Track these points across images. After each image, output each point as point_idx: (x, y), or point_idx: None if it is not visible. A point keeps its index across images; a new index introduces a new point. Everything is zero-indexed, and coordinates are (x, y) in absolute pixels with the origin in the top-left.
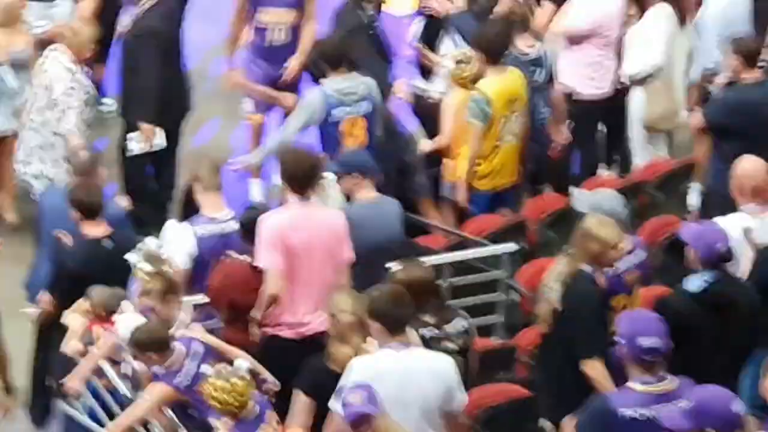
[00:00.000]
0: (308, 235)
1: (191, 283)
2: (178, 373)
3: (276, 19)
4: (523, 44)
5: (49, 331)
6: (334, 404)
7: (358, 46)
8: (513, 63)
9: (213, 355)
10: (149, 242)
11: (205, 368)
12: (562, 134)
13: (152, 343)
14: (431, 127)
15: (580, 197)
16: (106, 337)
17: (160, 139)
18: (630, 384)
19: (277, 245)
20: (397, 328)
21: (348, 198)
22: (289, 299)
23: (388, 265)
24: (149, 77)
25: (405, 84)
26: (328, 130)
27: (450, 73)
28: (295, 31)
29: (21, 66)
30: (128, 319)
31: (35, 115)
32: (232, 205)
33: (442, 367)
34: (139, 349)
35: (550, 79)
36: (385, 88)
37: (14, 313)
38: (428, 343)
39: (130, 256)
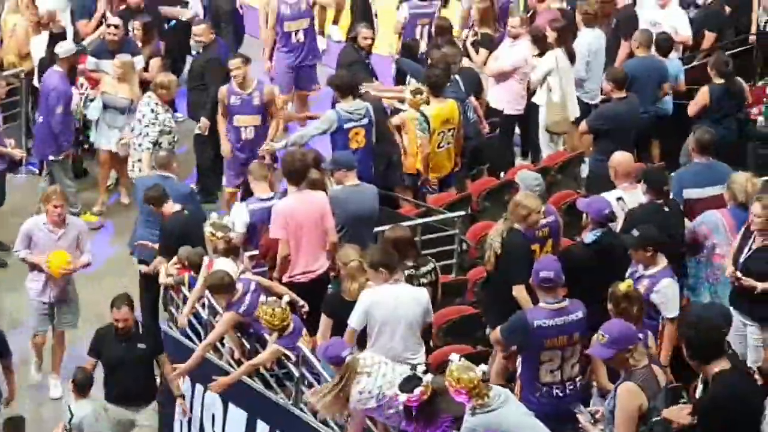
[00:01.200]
0: (304, 212)
1: (247, 242)
2: (241, 303)
3: None
4: None
5: (152, 280)
6: (350, 320)
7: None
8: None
9: (263, 291)
10: (214, 216)
11: (259, 299)
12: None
13: (221, 286)
14: None
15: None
16: (199, 280)
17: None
18: (540, 304)
19: (283, 222)
20: (390, 271)
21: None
22: (298, 256)
23: (376, 229)
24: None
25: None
26: (339, 137)
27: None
28: None
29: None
30: (221, 264)
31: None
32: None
33: (421, 295)
34: (211, 290)
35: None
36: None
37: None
38: (410, 279)
39: (205, 227)
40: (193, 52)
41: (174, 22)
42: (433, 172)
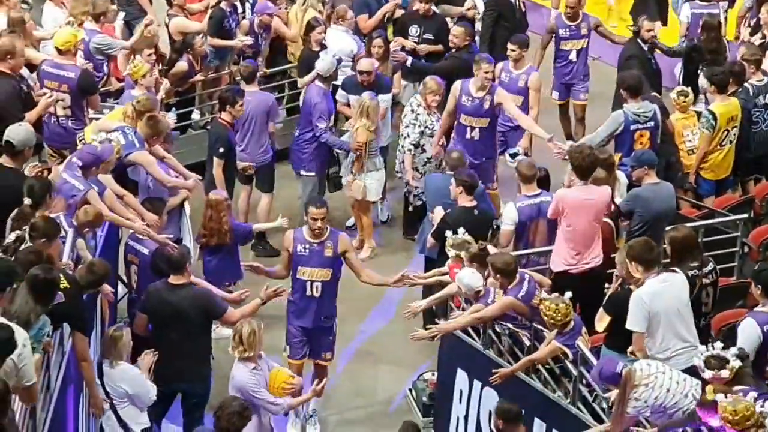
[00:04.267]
0: (581, 202)
1: (517, 240)
2: (520, 290)
3: None
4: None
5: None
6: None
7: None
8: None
9: (537, 283)
10: (449, 234)
11: (536, 290)
12: None
13: (503, 270)
14: None
15: None
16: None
17: None
18: None
19: (556, 207)
20: (649, 265)
21: (639, 183)
22: (572, 245)
23: (666, 228)
24: None
25: None
26: (625, 139)
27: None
28: None
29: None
30: (466, 273)
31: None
32: None
33: (682, 279)
34: (494, 271)
35: None
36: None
37: None
38: (693, 279)
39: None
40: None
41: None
42: (709, 173)
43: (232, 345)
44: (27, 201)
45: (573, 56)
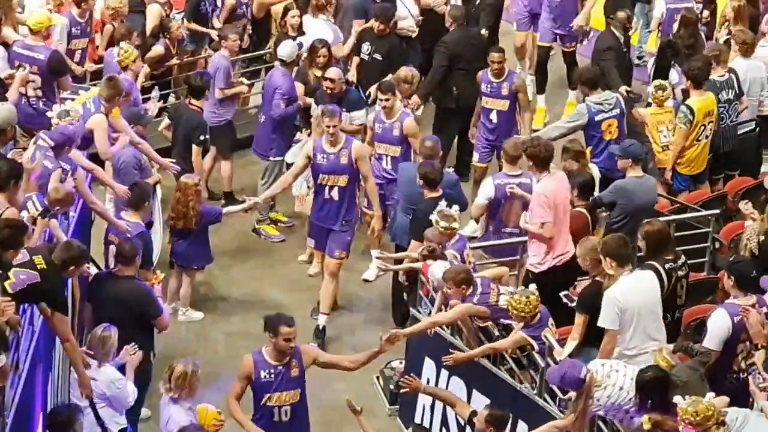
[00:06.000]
0: (559, 192)
1: (488, 216)
2: (474, 294)
3: None
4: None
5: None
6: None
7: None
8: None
9: (491, 279)
10: (443, 205)
11: (491, 287)
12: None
13: (465, 279)
14: None
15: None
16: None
17: None
18: None
19: (548, 203)
20: (623, 261)
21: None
22: (558, 239)
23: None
24: None
25: None
26: (593, 130)
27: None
28: None
29: None
30: (438, 266)
31: None
32: None
33: (653, 277)
34: (458, 284)
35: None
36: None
37: None
38: (669, 272)
39: (432, 215)
40: None
41: None
42: (685, 168)
43: (164, 380)
44: None
45: (494, 117)
